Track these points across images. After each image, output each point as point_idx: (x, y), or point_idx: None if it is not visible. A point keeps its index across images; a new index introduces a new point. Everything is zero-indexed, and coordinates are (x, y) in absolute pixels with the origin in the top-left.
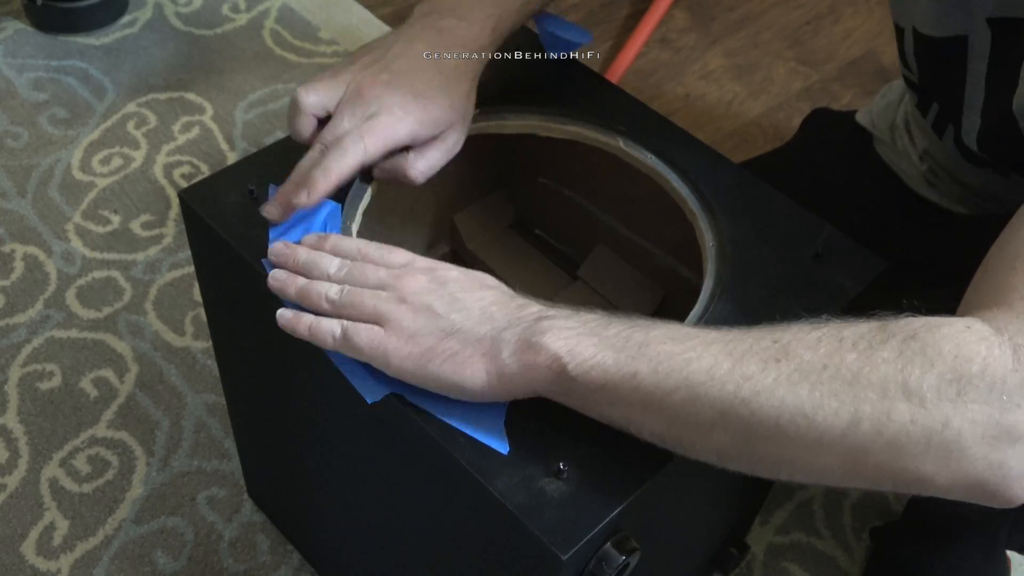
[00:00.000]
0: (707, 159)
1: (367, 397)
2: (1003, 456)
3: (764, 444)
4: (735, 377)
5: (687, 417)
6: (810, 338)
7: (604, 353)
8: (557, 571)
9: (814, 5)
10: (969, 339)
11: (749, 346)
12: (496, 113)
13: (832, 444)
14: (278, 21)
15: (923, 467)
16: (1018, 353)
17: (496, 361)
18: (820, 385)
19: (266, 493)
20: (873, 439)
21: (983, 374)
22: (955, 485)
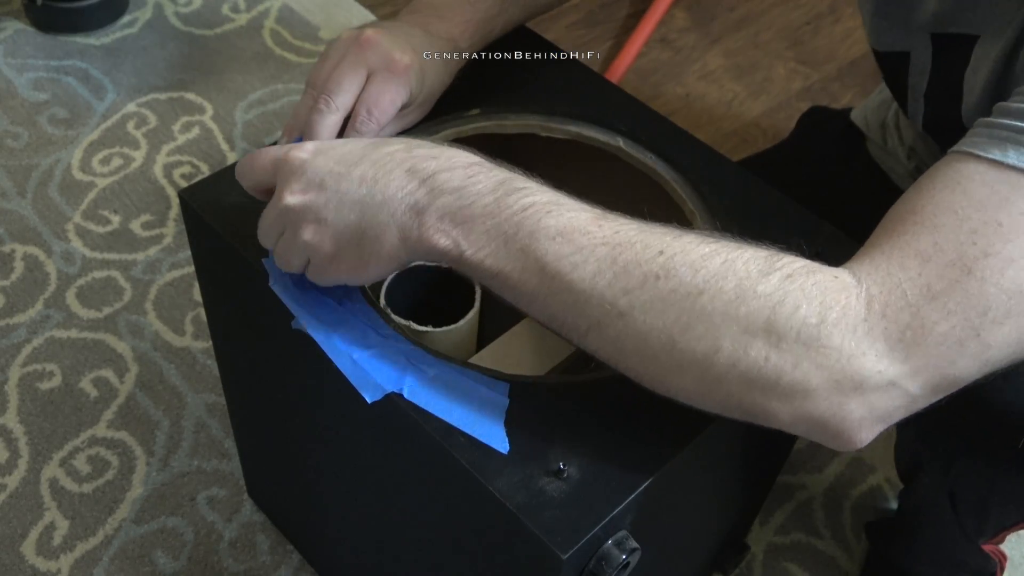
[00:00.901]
0: (707, 159)
1: (367, 396)
2: (845, 400)
3: (632, 357)
4: (614, 289)
5: (568, 320)
6: (697, 254)
7: (494, 243)
8: (557, 570)
9: (814, 5)
10: (834, 287)
11: (635, 255)
12: (496, 113)
13: (690, 367)
14: (278, 21)
15: (769, 402)
16: (871, 304)
17: (407, 243)
18: (691, 311)
19: (266, 493)
20: (727, 370)
21: (838, 322)
22: (797, 423)
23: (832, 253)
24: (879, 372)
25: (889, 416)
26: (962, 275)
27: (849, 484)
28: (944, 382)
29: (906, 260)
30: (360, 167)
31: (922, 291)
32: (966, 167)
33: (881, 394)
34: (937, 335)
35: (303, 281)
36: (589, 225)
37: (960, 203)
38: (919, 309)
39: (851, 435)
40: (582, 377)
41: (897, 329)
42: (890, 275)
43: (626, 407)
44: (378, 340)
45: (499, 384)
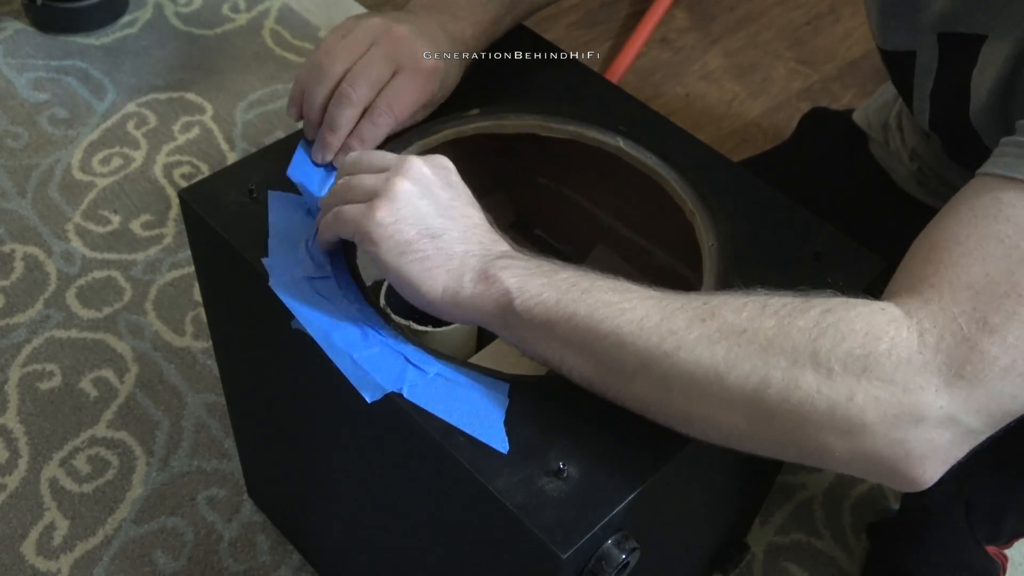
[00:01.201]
0: (707, 159)
1: (366, 396)
2: (904, 435)
3: (679, 397)
4: (661, 331)
5: (613, 363)
6: (737, 302)
7: (548, 293)
8: (557, 570)
9: (814, 5)
10: (881, 319)
11: (680, 304)
12: (496, 113)
13: (741, 404)
14: (278, 21)
15: (825, 438)
16: (924, 337)
17: (457, 281)
18: (736, 347)
19: (266, 493)
20: (779, 404)
21: (889, 353)
22: (854, 460)
23: (832, 254)
24: (939, 408)
25: (950, 454)
26: (1018, 305)
27: (849, 484)
28: (1004, 415)
29: (957, 293)
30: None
31: (979, 325)
32: (1004, 193)
33: (942, 430)
34: (999, 369)
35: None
36: (638, 288)
37: (1005, 231)
38: (977, 343)
39: (913, 473)
40: None
41: (956, 364)
42: (943, 309)
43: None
44: (378, 340)
45: (499, 384)
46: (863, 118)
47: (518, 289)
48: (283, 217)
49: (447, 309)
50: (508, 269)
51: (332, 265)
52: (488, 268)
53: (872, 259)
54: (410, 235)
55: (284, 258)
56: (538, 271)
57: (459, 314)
